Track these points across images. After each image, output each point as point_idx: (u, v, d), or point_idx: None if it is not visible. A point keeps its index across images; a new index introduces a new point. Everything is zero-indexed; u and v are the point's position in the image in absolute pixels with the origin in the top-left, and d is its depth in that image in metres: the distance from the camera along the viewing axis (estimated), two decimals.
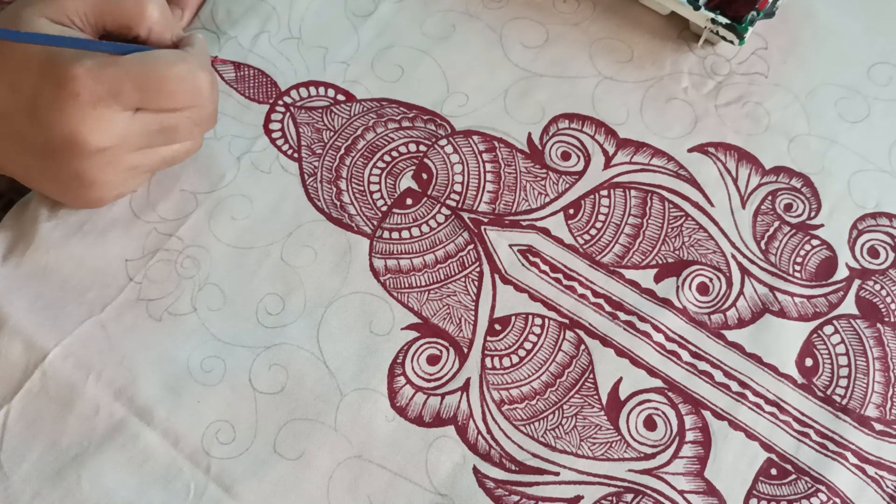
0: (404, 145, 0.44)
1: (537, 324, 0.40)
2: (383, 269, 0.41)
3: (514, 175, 0.43)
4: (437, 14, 0.47)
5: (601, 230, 0.42)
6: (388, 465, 0.37)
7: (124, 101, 0.35)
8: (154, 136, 0.38)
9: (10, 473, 0.37)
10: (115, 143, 0.36)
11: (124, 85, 0.35)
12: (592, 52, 0.46)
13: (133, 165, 0.39)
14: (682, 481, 0.38)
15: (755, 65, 0.46)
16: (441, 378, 0.39)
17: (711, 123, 0.44)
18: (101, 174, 0.37)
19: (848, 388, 0.39)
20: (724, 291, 0.41)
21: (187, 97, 0.37)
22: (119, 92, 0.35)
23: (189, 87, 0.37)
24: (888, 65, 0.46)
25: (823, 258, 0.42)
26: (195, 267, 0.41)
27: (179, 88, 0.37)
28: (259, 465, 0.37)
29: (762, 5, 0.44)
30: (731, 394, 0.39)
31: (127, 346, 0.39)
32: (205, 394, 0.38)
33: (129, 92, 0.35)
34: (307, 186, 0.43)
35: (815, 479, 0.38)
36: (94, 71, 0.35)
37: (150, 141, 0.38)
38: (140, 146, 0.38)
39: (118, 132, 0.36)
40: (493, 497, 0.37)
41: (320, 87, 0.45)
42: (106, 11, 0.37)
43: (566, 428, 0.38)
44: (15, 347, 0.38)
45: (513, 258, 0.41)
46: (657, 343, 0.40)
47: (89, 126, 0.35)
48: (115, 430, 0.38)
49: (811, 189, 0.43)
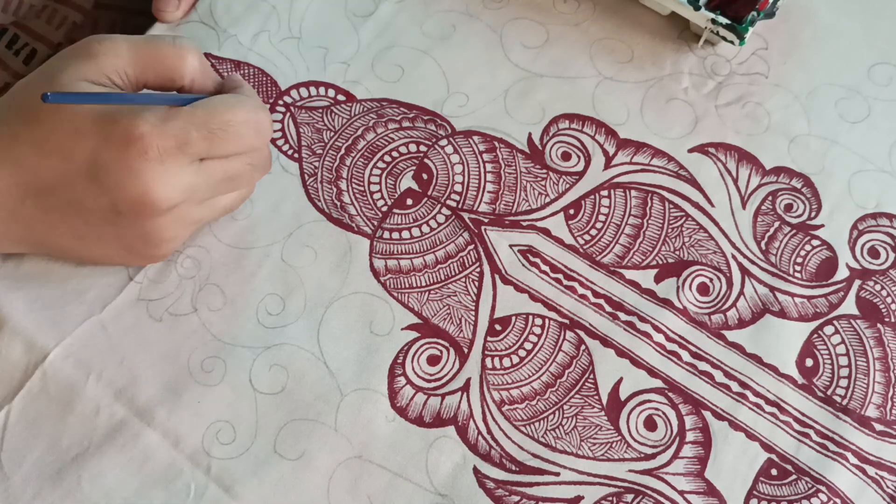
0: (404, 145, 0.44)
1: (537, 324, 0.40)
2: (383, 269, 0.41)
3: (514, 175, 0.43)
4: (438, 14, 0.47)
5: (601, 230, 0.42)
6: (389, 465, 0.37)
7: (192, 151, 0.34)
8: (218, 185, 0.37)
9: (11, 473, 0.37)
10: (185, 198, 0.35)
11: (191, 135, 0.34)
12: (593, 52, 0.46)
13: (198, 219, 0.38)
14: (683, 482, 0.38)
15: (755, 65, 0.46)
16: (441, 378, 0.39)
17: (712, 124, 0.44)
18: (170, 231, 0.36)
19: (848, 388, 0.39)
20: (724, 292, 0.41)
21: (252, 139, 0.36)
22: (186, 143, 0.34)
23: (253, 128, 0.36)
24: (888, 65, 0.46)
25: (824, 258, 0.42)
26: (195, 267, 0.41)
27: (245, 132, 0.36)
28: (259, 466, 0.37)
29: (762, 6, 0.44)
30: (731, 394, 0.39)
31: (127, 346, 0.39)
32: (205, 394, 0.38)
33: (197, 141, 0.34)
34: (307, 186, 0.43)
35: (816, 479, 0.38)
36: (159, 126, 0.33)
37: (215, 191, 0.37)
38: (206, 198, 0.37)
39: (187, 186, 0.35)
40: (493, 497, 0.37)
41: (320, 87, 0.45)
42: (147, 66, 0.36)
43: (566, 428, 0.38)
44: (15, 347, 0.38)
45: (513, 258, 0.41)
46: (657, 343, 0.40)
47: (161, 184, 0.34)
48: (115, 431, 0.38)
49: (811, 189, 0.43)
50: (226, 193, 0.38)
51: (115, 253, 0.38)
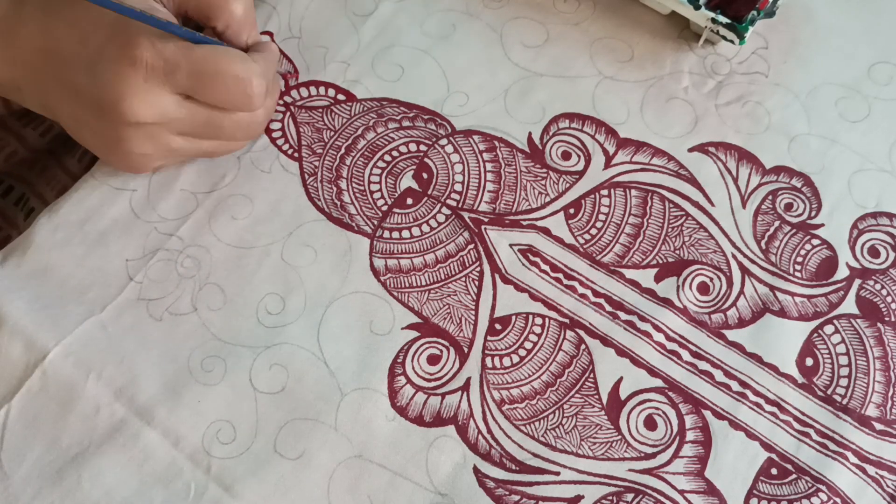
0: (405, 145, 0.44)
1: (538, 323, 0.40)
2: (383, 268, 0.41)
3: (514, 175, 0.43)
4: (438, 14, 0.47)
5: (601, 230, 0.42)
6: (389, 464, 0.37)
7: (176, 83, 0.36)
8: (198, 127, 0.38)
9: (11, 473, 0.37)
10: (157, 121, 0.37)
11: (180, 67, 0.35)
12: (593, 51, 0.46)
13: (173, 148, 0.39)
14: (683, 481, 0.38)
15: (755, 64, 0.46)
16: (441, 378, 0.39)
17: (712, 123, 0.44)
18: (140, 146, 0.38)
19: (848, 387, 0.39)
20: (724, 291, 0.41)
21: (237, 100, 0.37)
22: (173, 72, 0.35)
23: (241, 90, 0.37)
24: (888, 64, 0.46)
25: (824, 258, 0.42)
26: (195, 266, 0.41)
27: (232, 88, 0.37)
28: (259, 465, 0.37)
29: (762, 5, 0.44)
30: (731, 393, 0.39)
31: (127, 345, 0.39)
32: (205, 393, 0.38)
33: (183, 76, 0.36)
34: (307, 186, 0.43)
35: (816, 478, 0.38)
36: (157, 45, 0.35)
37: (193, 130, 0.38)
38: (183, 132, 0.38)
39: (162, 111, 0.36)
40: (493, 497, 0.37)
41: (320, 87, 0.45)
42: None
43: (566, 427, 0.38)
44: (15, 347, 0.38)
45: (513, 258, 0.41)
46: (657, 343, 0.40)
47: (136, 97, 0.36)
48: (115, 430, 0.38)
49: (811, 188, 0.43)
50: (208, 139, 0.40)
51: (99, 146, 0.40)
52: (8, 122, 0.50)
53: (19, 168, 0.51)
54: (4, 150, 0.50)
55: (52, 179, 0.51)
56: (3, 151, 0.50)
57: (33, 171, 0.51)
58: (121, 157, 0.39)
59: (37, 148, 0.50)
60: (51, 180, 0.51)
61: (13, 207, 0.51)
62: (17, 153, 0.51)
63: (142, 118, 0.36)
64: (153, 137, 0.38)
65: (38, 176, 0.51)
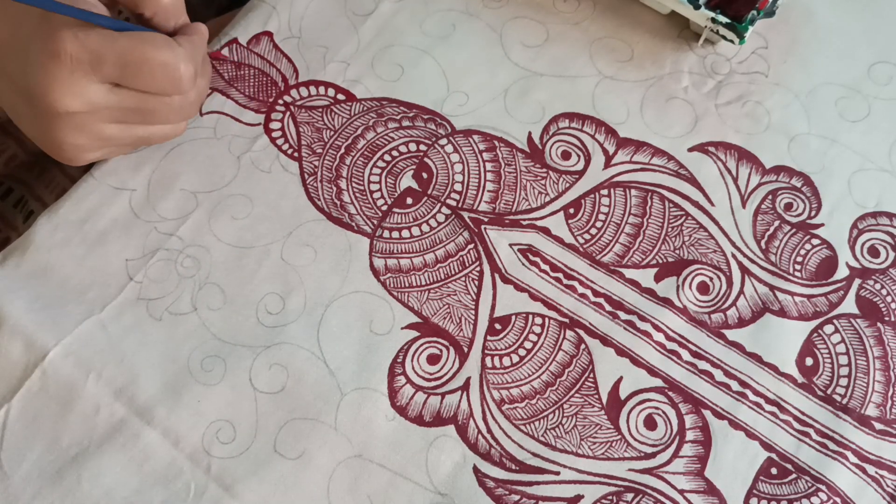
0: (404, 145, 0.44)
1: (537, 323, 0.40)
2: (383, 268, 0.41)
3: (514, 174, 0.43)
4: (437, 13, 0.47)
5: (601, 229, 0.42)
6: (389, 464, 0.37)
7: (103, 73, 0.36)
8: (130, 113, 0.38)
9: (11, 473, 0.37)
10: (86, 111, 0.37)
11: (106, 57, 0.36)
12: (592, 51, 0.46)
13: (107, 136, 0.39)
14: (683, 480, 0.38)
15: (755, 64, 0.46)
16: (441, 377, 0.39)
17: (712, 123, 0.44)
18: (70, 137, 0.38)
19: (848, 387, 0.39)
20: (724, 291, 0.41)
21: (165, 84, 0.38)
22: (99, 62, 0.36)
23: (169, 75, 0.37)
24: (888, 64, 0.46)
25: (824, 257, 0.42)
26: (195, 266, 0.41)
27: (159, 75, 0.37)
28: (259, 465, 0.37)
29: (762, 4, 0.43)
30: (731, 393, 0.39)
31: (127, 345, 0.39)
32: (205, 393, 0.38)
33: (110, 66, 0.36)
34: (307, 186, 0.43)
35: (816, 478, 0.38)
36: (80, 37, 0.35)
37: (125, 117, 0.39)
38: (115, 120, 0.38)
39: (90, 101, 0.36)
40: (493, 496, 0.37)
41: (320, 87, 0.45)
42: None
43: (566, 427, 0.38)
44: (15, 347, 0.38)
45: (513, 257, 0.41)
46: (657, 342, 0.40)
47: (62, 88, 0.36)
48: (115, 430, 0.38)
49: (811, 188, 0.43)
50: (142, 125, 0.40)
51: (36, 134, 0.39)
52: (8, 127, 0.50)
53: (19, 171, 0.51)
54: (4, 154, 0.50)
55: (51, 182, 0.51)
56: (3, 155, 0.50)
57: (33, 174, 0.51)
58: (54, 147, 0.39)
59: (36, 151, 0.50)
60: (50, 183, 0.51)
61: (12, 210, 0.51)
62: (16, 156, 0.51)
63: (70, 108, 0.36)
64: (83, 127, 0.38)
65: (37, 179, 0.51)
